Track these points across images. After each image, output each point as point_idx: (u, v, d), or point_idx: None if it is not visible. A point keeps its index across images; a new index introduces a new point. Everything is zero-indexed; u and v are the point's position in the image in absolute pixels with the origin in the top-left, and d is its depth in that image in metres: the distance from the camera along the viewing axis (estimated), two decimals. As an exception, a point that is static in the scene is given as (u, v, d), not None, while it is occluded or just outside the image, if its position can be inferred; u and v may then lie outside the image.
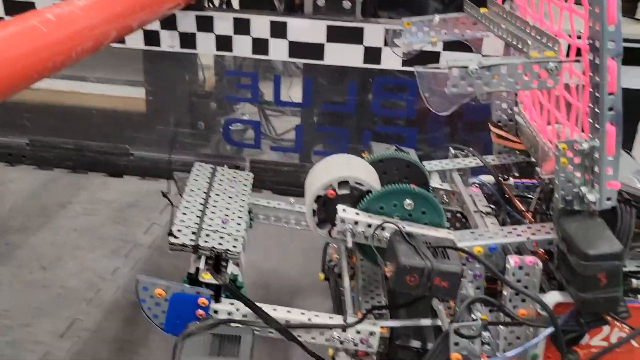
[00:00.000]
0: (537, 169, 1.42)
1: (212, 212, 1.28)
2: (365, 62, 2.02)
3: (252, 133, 2.41)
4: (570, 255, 1.03)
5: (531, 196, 1.39)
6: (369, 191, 1.21)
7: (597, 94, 1.00)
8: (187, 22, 2.03)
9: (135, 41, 2.15)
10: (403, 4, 2.14)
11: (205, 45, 2.12)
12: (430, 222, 1.20)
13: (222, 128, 2.38)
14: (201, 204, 1.29)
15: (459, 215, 1.46)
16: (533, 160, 1.47)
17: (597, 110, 1.00)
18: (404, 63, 1.93)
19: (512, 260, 1.08)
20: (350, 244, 1.16)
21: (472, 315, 1.09)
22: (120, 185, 2.39)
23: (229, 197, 1.35)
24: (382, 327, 1.15)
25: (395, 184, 1.21)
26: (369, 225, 1.16)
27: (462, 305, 1.09)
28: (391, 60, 1.95)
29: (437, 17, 1.45)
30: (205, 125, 2.41)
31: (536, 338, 1.08)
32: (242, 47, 2.11)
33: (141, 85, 2.43)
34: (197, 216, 1.24)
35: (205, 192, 1.34)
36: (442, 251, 1.10)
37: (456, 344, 1.08)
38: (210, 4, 2.15)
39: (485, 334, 1.09)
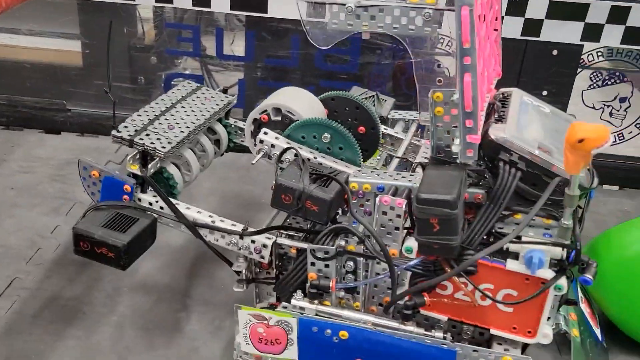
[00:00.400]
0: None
1: (166, 119, 1.37)
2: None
3: (194, 88, 2.37)
4: (412, 199, 1.06)
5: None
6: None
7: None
8: (124, -29, 1.96)
9: (70, -9, 2.07)
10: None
11: (144, -4, 2.05)
12: (347, 159, 1.26)
13: (163, 83, 2.34)
14: (161, 111, 1.39)
15: (406, 162, 1.50)
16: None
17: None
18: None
19: (382, 199, 1.11)
20: (254, 161, 1.26)
21: (339, 242, 1.15)
22: (57, 142, 2.32)
23: (192, 110, 1.42)
24: (292, 248, 1.23)
25: (317, 117, 1.26)
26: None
27: (324, 230, 1.16)
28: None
29: None
30: (145, 80, 2.36)
31: (380, 277, 1.16)
32: (183, -2, 2.06)
33: (77, 38, 2.34)
34: (150, 119, 1.35)
35: (172, 103, 1.43)
36: (326, 180, 1.17)
37: (313, 264, 1.16)
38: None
39: (350, 263, 1.17)
